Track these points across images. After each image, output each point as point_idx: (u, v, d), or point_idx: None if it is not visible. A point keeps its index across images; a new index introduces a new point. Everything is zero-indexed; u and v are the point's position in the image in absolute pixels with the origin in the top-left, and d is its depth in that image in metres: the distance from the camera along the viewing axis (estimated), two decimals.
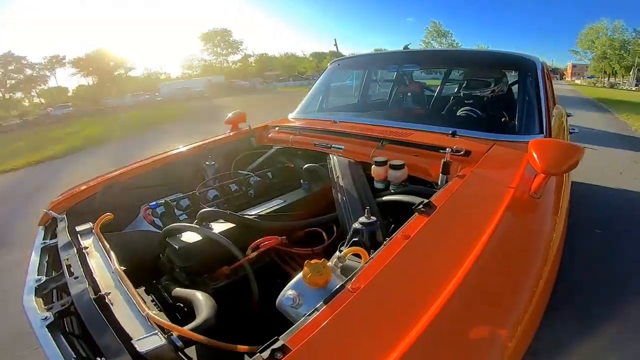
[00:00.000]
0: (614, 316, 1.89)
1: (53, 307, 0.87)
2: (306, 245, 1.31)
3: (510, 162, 1.30)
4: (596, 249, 2.61)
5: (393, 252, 0.76)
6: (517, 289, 0.73)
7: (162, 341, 0.67)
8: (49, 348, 0.73)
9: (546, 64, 2.08)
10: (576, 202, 2.34)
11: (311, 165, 1.68)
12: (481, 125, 1.68)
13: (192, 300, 0.94)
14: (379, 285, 0.68)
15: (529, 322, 0.66)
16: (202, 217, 1.22)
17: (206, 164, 1.89)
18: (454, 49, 2.63)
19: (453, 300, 0.63)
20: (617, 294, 2.12)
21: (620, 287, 2.19)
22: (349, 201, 1.34)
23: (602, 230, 2.87)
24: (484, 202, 1.01)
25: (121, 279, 0.90)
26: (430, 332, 0.57)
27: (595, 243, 2.70)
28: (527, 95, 1.79)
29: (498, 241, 0.80)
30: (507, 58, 2.13)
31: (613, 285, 2.20)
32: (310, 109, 2.60)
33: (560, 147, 1.08)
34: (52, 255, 1.16)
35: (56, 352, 0.72)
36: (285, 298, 0.75)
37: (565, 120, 2.91)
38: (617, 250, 2.62)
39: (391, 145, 1.59)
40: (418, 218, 0.91)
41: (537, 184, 1.02)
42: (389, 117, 2.10)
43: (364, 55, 2.84)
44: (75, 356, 0.72)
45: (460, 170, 1.24)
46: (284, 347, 0.57)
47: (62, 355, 0.71)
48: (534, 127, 1.59)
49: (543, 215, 1.02)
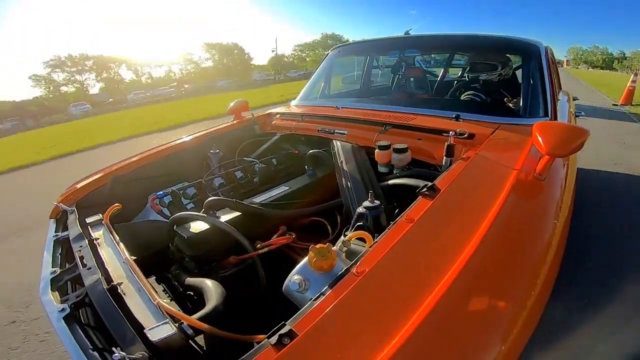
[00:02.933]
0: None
1: (69, 298, 0.90)
2: (311, 233, 1.32)
3: (514, 144, 1.29)
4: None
5: (397, 235, 0.77)
6: (522, 270, 0.73)
7: (173, 330, 0.69)
8: (67, 339, 0.75)
9: (550, 48, 2.04)
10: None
11: (315, 151, 1.69)
12: (485, 109, 1.66)
13: (201, 288, 0.96)
14: (383, 269, 0.69)
15: (535, 303, 0.67)
16: (209, 205, 1.24)
17: (211, 152, 1.90)
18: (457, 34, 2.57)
19: (458, 282, 0.63)
20: None
21: None
22: (353, 186, 1.34)
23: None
24: (488, 184, 1.01)
25: (132, 268, 0.92)
26: (435, 315, 0.58)
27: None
28: (531, 79, 1.76)
29: (502, 223, 0.80)
30: (511, 42, 2.09)
31: None
32: (313, 96, 2.58)
33: (565, 129, 1.06)
34: (64, 247, 1.18)
35: (74, 343, 0.74)
36: (292, 283, 0.76)
37: (572, 104, 2.87)
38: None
39: (394, 129, 1.58)
40: (422, 201, 0.91)
41: (541, 166, 1.01)
42: (392, 102, 2.09)
43: (365, 41, 2.78)
44: (92, 346, 0.74)
45: (464, 153, 1.23)
46: (291, 332, 0.58)
47: (79, 346, 0.73)
48: (538, 110, 1.57)
49: (548, 196, 1.01)
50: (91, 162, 6.13)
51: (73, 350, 0.72)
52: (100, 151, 8.28)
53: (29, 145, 11.74)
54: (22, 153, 9.72)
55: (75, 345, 0.73)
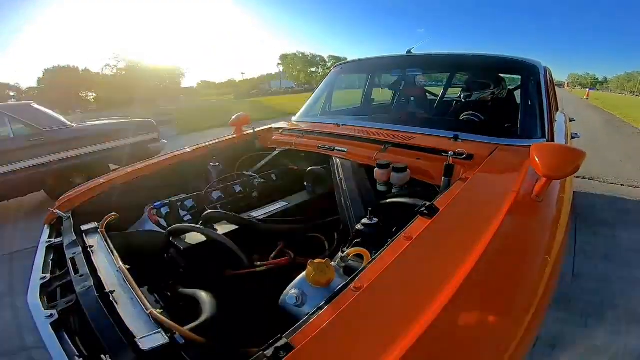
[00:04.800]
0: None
1: (58, 305, 0.87)
2: (307, 249, 1.32)
3: (512, 165, 1.30)
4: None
5: (395, 253, 0.77)
6: (517, 290, 0.74)
7: (165, 339, 0.68)
8: (53, 346, 0.73)
9: (549, 69, 2.07)
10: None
11: (314, 167, 1.69)
12: (484, 129, 1.68)
13: (195, 299, 0.95)
14: (381, 285, 0.69)
15: (530, 323, 0.67)
16: (207, 218, 1.23)
17: (211, 165, 1.90)
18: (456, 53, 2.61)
19: (455, 300, 0.63)
20: None
21: None
22: (352, 203, 1.34)
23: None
24: (486, 205, 1.01)
25: (125, 277, 0.91)
26: (432, 332, 0.57)
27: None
28: (529, 100, 1.79)
29: (500, 242, 0.81)
30: (511, 62, 2.11)
31: None
32: (313, 113, 2.61)
33: (562, 151, 1.08)
34: (56, 253, 1.16)
35: (59, 350, 0.72)
36: (289, 297, 0.76)
37: (569, 125, 2.91)
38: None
39: (394, 148, 1.60)
40: (420, 220, 0.91)
41: (539, 188, 1.02)
42: (392, 120, 2.10)
43: (366, 59, 2.82)
44: (78, 354, 0.72)
45: (463, 174, 1.24)
46: (287, 345, 0.57)
47: (65, 353, 0.71)
48: (536, 131, 1.60)
49: (545, 218, 1.02)
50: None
51: (59, 357, 0.70)
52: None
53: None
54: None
55: (62, 352, 0.71)
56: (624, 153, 6.17)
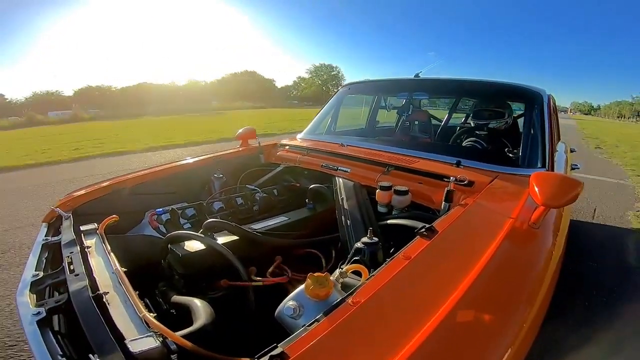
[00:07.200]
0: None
1: (46, 303, 0.86)
2: (305, 264, 1.32)
3: (511, 194, 1.33)
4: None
5: (394, 270, 0.78)
6: (510, 311, 0.75)
7: (156, 343, 0.66)
8: (36, 344, 0.71)
9: (553, 97, 2.09)
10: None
11: (317, 185, 1.71)
12: (485, 157, 1.70)
13: (189, 307, 0.94)
14: (378, 301, 0.70)
15: (522, 343, 0.68)
16: (208, 227, 1.24)
17: (214, 176, 1.92)
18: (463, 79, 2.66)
19: (449, 318, 0.64)
20: None
21: None
22: (352, 222, 1.35)
23: None
24: (484, 230, 1.03)
25: (121, 280, 0.90)
26: (426, 348, 0.58)
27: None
28: (532, 128, 1.81)
29: (496, 264, 0.83)
30: (515, 89, 2.14)
31: None
32: (319, 131, 2.65)
33: (561, 180, 1.10)
34: (52, 252, 1.16)
35: (43, 348, 0.70)
36: (286, 308, 0.76)
37: (569, 155, 2.94)
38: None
39: (397, 171, 1.62)
40: (419, 241, 0.93)
41: (536, 216, 1.04)
42: (396, 143, 2.13)
43: (374, 80, 2.87)
44: (62, 353, 0.70)
45: (463, 200, 1.26)
46: (282, 354, 0.57)
47: (48, 352, 0.69)
48: (536, 161, 1.62)
49: (540, 243, 1.04)
50: None
51: (41, 356, 0.68)
52: None
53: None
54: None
55: (45, 350, 0.69)
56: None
